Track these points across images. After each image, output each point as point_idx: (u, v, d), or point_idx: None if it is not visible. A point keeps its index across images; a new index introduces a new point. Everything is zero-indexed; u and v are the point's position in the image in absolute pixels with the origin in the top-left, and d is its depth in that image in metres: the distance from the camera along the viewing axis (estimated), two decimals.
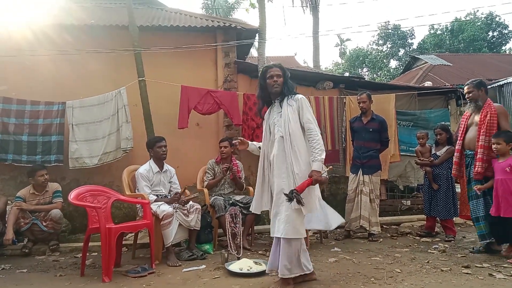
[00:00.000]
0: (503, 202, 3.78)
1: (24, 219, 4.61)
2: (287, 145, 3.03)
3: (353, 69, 30.91)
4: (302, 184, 2.91)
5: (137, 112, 5.67)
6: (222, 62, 6.44)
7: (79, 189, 4.02)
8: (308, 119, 3.06)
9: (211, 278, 3.50)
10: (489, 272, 3.40)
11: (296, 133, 3.04)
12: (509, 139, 3.82)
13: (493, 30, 28.02)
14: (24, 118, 5.51)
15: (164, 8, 7.94)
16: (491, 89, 12.78)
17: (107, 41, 6.00)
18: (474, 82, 4.19)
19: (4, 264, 4.20)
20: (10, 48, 5.63)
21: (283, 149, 3.05)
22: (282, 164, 3.06)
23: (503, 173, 3.82)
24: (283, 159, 3.05)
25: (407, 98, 6.87)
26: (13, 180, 5.65)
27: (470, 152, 4.18)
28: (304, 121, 3.05)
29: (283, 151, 3.05)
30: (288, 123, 3.04)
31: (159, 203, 4.23)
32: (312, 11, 13.98)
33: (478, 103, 4.14)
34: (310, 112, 3.10)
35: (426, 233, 5.13)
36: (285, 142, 3.04)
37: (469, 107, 4.25)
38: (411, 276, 3.39)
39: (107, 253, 3.56)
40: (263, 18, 6.75)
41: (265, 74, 3.21)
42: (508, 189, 3.76)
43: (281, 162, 3.07)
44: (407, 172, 6.68)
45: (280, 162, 3.07)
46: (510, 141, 3.82)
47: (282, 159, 3.06)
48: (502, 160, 3.86)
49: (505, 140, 3.80)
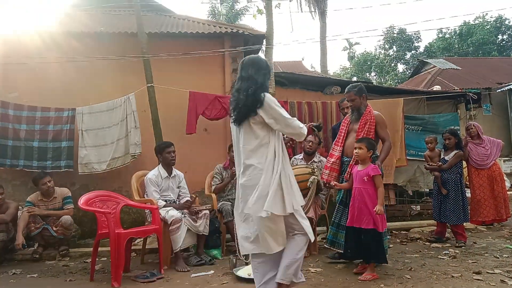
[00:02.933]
0: (357, 212, 3.58)
1: (35, 224, 4.65)
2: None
3: (361, 74, 30.81)
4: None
5: (146, 117, 5.71)
6: (229, 67, 6.47)
7: (89, 195, 4.06)
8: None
9: (219, 284, 3.50)
10: (501, 279, 3.36)
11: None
12: (371, 146, 3.62)
13: (503, 34, 27.77)
14: (35, 125, 5.58)
15: (172, 14, 8.01)
16: (501, 93, 12.70)
17: (116, 47, 6.07)
18: (355, 89, 3.94)
19: (15, 269, 4.24)
20: (20, 55, 5.71)
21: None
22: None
23: (361, 182, 3.59)
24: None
25: (416, 103, 6.83)
26: (24, 186, 5.71)
27: (347, 159, 3.99)
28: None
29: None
30: None
31: (167, 209, 4.25)
32: (320, 16, 14.00)
33: (360, 111, 3.96)
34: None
35: (436, 238, 5.07)
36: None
37: (351, 114, 4.08)
38: (421, 282, 3.35)
39: (116, 258, 3.58)
40: (271, 24, 6.77)
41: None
42: (363, 199, 3.55)
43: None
44: (417, 177, 6.62)
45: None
46: (372, 148, 3.63)
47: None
48: (361, 168, 3.64)
49: (366, 146, 3.59)
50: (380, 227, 3.52)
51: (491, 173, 5.38)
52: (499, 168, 5.59)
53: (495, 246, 4.65)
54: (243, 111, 2.62)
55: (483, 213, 5.35)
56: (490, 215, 5.36)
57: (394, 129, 6.10)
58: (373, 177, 3.54)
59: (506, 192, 5.54)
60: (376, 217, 3.49)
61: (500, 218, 5.47)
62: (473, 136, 5.43)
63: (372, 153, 3.66)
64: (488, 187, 5.37)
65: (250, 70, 2.70)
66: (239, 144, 2.72)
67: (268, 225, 2.56)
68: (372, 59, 31.48)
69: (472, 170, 5.43)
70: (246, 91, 2.63)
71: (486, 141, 5.43)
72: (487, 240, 5.03)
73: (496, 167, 5.46)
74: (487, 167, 5.36)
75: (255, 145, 2.63)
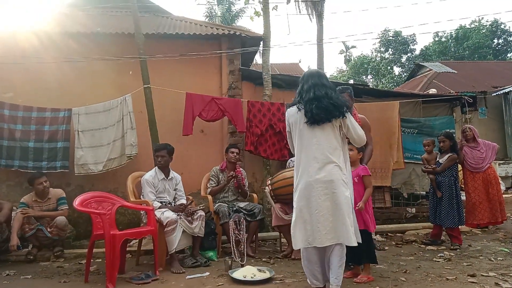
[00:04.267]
0: None
1: (29, 225, 4.62)
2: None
3: (358, 76, 30.92)
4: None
5: (142, 119, 5.70)
6: (226, 69, 6.48)
7: (84, 196, 4.04)
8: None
9: (214, 286, 3.50)
10: (495, 281, 3.37)
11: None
12: (360, 148, 3.59)
13: (498, 38, 27.99)
14: (31, 125, 5.55)
15: (170, 16, 8.01)
16: (496, 96, 12.79)
17: (113, 48, 6.06)
18: (347, 90, 3.92)
19: (9, 270, 4.21)
20: (16, 55, 5.68)
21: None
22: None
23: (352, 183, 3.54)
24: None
25: (412, 105, 6.86)
26: (18, 187, 5.68)
27: None
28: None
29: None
30: None
31: (163, 210, 4.24)
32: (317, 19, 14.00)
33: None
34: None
35: (432, 241, 5.08)
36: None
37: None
38: (416, 285, 3.36)
39: (111, 259, 3.56)
40: (268, 26, 6.79)
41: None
42: (353, 200, 3.43)
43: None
44: (412, 180, 6.64)
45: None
46: (362, 150, 3.64)
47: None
48: (351, 169, 3.55)
49: (357, 148, 3.57)
50: (370, 227, 3.53)
51: (486, 176, 5.41)
52: (494, 171, 5.62)
53: (489, 249, 4.67)
54: (333, 112, 2.95)
55: (478, 216, 5.37)
56: (485, 218, 5.38)
57: (390, 132, 6.14)
58: (362, 177, 3.56)
59: (501, 195, 5.57)
60: (366, 218, 3.51)
61: (495, 221, 5.50)
62: (469, 139, 5.45)
63: (362, 155, 3.69)
64: (483, 190, 5.39)
65: (324, 80, 3.10)
66: (311, 141, 2.98)
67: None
68: (369, 62, 31.63)
69: (467, 173, 5.45)
70: (335, 96, 3.03)
71: (482, 145, 5.45)
72: (482, 243, 5.05)
73: (491, 170, 5.49)
74: (482, 170, 5.39)
75: (335, 144, 3.00)
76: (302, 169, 3.02)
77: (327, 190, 2.92)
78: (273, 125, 6.07)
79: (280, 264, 4.21)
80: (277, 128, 6.07)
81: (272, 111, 6.10)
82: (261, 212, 4.83)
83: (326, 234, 2.89)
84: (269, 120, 6.06)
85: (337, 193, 2.92)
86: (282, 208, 4.49)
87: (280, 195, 4.50)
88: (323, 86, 3.06)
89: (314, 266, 3.02)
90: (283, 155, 6.05)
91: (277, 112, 6.11)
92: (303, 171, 3.01)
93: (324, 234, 2.89)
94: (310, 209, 2.94)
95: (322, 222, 2.90)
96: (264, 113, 6.06)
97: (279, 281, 3.54)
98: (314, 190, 2.93)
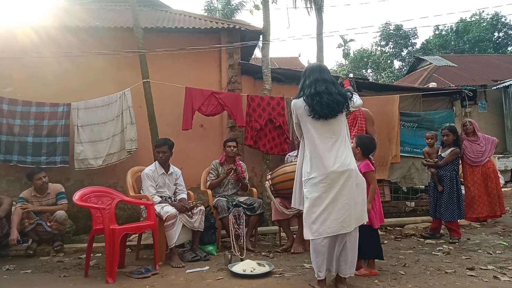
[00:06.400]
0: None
1: (29, 219, 4.63)
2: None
3: (357, 70, 30.84)
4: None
5: (142, 113, 5.69)
6: (226, 63, 6.46)
7: (84, 190, 4.04)
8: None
9: (214, 280, 3.51)
10: (494, 275, 3.38)
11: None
12: (360, 142, 3.55)
13: (499, 31, 27.88)
14: (30, 120, 5.53)
15: (169, 10, 7.96)
16: (496, 90, 12.76)
17: (112, 42, 6.03)
18: (347, 78, 4.00)
19: (9, 265, 4.22)
20: (15, 50, 5.66)
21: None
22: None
23: None
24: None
25: (412, 99, 6.85)
26: (18, 181, 5.68)
27: None
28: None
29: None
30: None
31: (162, 205, 4.24)
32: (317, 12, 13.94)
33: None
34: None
35: (431, 234, 5.10)
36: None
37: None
38: (415, 278, 3.37)
39: (111, 254, 3.57)
40: (267, 20, 6.76)
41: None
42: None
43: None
44: (411, 174, 6.65)
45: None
46: (360, 145, 3.54)
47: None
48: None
49: (356, 141, 3.55)
50: (375, 223, 3.52)
51: (485, 170, 5.41)
52: (494, 165, 5.62)
53: (488, 243, 4.69)
54: (335, 108, 3.01)
55: (477, 210, 5.39)
56: (484, 211, 5.40)
57: (390, 126, 6.13)
58: (365, 174, 3.51)
59: (500, 189, 5.59)
60: (371, 213, 3.48)
61: (494, 215, 5.52)
62: (469, 133, 5.44)
63: (361, 150, 3.55)
64: (482, 184, 5.40)
65: (325, 74, 3.13)
66: (321, 135, 3.04)
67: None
68: (369, 55, 31.53)
69: (466, 167, 5.45)
70: (335, 90, 3.07)
71: (481, 138, 5.45)
72: (481, 236, 5.06)
73: (490, 164, 5.49)
74: (482, 164, 5.39)
75: (342, 136, 3.09)
76: (317, 162, 3.03)
77: (351, 179, 3.02)
78: (272, 119, 6.06)
79: (280, 258, 4.22)
80: (277, 123, 6.06)
81: (272, 105, 6.09)
82: (261, 206, 4.83)
83: (356, 219, 3.04)
84: (269, 115, 6.04)
85: (359, 179, 3.10)
86: (282, 202, 4.50)
87: (280, 190, 4.50)
88: (324, 81, 3.08)
89: (325, 256, 3.04)
90: (283, 149, 6.04)
91: (277, 106, 6.10)
92: (318, 164, 3.02)
93: (354, 219, 3.03)
94: (335, 199, 2.97)
95: (351, 209, 3.00)
96: (264, 107, 6.04)
97: (278, 275, 3.56)
98: (337, 181, 2.98)
